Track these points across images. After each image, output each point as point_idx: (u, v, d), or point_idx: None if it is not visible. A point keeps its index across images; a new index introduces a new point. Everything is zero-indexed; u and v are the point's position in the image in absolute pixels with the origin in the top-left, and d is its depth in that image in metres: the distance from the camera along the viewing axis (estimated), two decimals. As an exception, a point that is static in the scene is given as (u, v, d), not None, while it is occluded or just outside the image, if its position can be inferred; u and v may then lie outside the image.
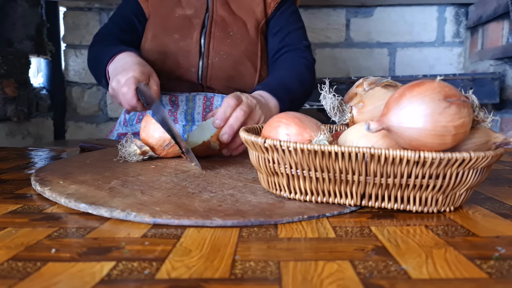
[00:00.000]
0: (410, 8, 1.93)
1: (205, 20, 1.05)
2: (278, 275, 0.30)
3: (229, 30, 1.04)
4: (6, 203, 0.49)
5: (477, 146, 0.44)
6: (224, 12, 1.06)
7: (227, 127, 0.68)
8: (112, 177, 0.57)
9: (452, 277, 0.30)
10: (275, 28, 1.10)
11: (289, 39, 1.08)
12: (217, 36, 1.04)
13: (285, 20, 1.10)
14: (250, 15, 1.07)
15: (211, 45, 1.03)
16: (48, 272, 0.31)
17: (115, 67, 0.87)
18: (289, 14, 1.11)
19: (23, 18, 1.72)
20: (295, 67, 1.02)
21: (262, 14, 1.08)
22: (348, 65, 1.97)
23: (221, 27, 1.04)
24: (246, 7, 1.08)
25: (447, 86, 0.41)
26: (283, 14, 1.11)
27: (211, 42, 1.03)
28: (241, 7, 1.08)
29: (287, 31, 1.09)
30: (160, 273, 0.31)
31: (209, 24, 1.04)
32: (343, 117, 0.53)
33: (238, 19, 1.06)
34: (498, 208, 0.47)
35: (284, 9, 1.11)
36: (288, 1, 1.13)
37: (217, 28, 1.04)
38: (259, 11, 1.08)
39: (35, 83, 1.92)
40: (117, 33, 1.06)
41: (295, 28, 1.10)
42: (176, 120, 1.02)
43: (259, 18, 1.08)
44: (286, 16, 1.10)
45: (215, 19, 1.05)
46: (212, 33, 1.04)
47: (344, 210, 0.45)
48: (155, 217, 0.41)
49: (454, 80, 1.65)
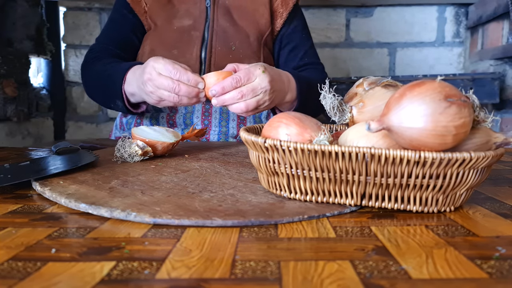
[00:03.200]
0: (410, 8, 1.93)
1: (205, 32, 1.00)
2: (278, 275, 0.30)
3: (231, 44, 1.00)
4: (6, 203, 0.49)
5: (477, 146, 0.44)
6: (226, 23, 1.01)
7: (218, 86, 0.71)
8: (112, 177, 0.57)
9: (453, 277, 0.30)
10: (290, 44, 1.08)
11: (308, 58, 1.08)
12: (219, 51, 0.99)
13: (299, 37, 1.09)
14: (253, 26, 1.03)
15: (212, 61, 0.98)
16: (48, 272, 0.31)
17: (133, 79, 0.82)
18: (302, 29, 1.10)
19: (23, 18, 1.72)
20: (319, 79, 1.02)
21: (267, 25, 1.04)
22: (348, 65, 1.97)
23: (223, 39, 0.99)
24: (249, 17, 1.03)
25: (448, 86, 0.41)
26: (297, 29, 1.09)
27: (212, 58, 0.98)
28: (244, 17, 1.03)
29: (303, 50, 1.08)
30: (160, 273, 0.31)
31: (210, 37, 0.99)
32: (343, 117, 0.53)
33: (241, 30, 1.02)
34: (498, 208, 0.47)
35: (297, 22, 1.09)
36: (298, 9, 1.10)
37: (218, 41, 0.99)
38: (263, 22, 1.04)
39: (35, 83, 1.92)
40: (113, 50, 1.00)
41: (310, 46, 1.10)
42: (175, 124, 1.00)
43: (262, 29, 1.04)
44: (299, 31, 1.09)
45: (215, 31, 1.00)
46: (213, 47, 0.99)
47: (344, 210, 0.45)
48: (155, 217, 0.41)
49: (454, 80, 1.65)
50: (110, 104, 0.93)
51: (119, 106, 0.90)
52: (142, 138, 0.68)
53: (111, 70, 0.90)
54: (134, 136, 0.68)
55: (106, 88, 0.90)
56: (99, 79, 0.93)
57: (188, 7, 1.03)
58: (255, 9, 1.04)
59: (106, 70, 0.91)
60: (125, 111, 0.91)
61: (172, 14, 1.02)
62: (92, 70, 0.96)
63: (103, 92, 0.93)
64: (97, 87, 0.95)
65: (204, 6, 1.02)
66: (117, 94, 0.86)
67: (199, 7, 1.02)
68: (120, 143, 0.67)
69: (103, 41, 1.03)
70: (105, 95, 0.93)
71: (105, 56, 0.98)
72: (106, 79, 0.90)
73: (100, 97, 0.97)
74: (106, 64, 0.93)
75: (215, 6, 1.02)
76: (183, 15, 1.02)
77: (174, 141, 0.71)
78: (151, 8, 1.02)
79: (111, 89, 0.88)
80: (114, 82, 0.86)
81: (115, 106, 0.92)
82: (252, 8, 1.04)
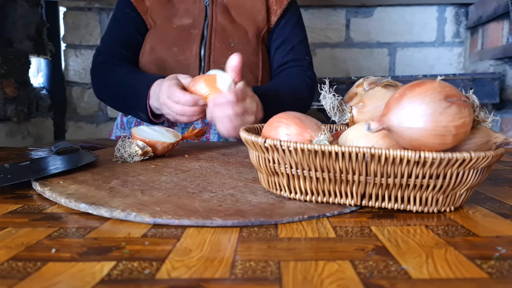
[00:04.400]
0: (410, 8, 1.93)
1: (204, 30, 1.01)
2: (278, 275, 0.30)
3: (230, 41, 1.01)
4: (6, 203, 0.49)
5: (477, 146, 0.44)
6: (225, 20, 1.02)
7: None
8: (112, 177, 0.57)
9: (453, 277, 0.30)
10: (278, 39, 1.07)
11: (293, 54, 1.06)
12: (218, 48, 1.00)
13: (289, 32, 1.08)
14: (251, 23, 1.04)
15: (212, 58, 1.00)
16: (48, 272, 0.31)
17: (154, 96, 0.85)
18: (294, 24, 1.09)
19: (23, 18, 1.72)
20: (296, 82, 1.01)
21: (264, 21, 1.05)
22: (348, 65, 1.97)
23: (222, 37, 1.01)
24: (247, 14, 1.04)
25: (448, 86, 0.41)
26: (288, 24, 1.08)
27: (212, 55, 1.00)
28: (242, 14, 1.04)
29: (291, 45, 1.07)
30: (160, 273, 0.31)
31: (209, 34, 1.01)
32: (343, 117, 0.53)
33: (239, 27, 1.03)
34: (498, 208, 0.47)
35: (289, 18, 1.08)
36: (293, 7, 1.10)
37: (217, 38, 1.01)
38: (260, 19, 1.05)
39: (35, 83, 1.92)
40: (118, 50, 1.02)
41: (299, 41, 1.08)
42: (175, 124, 1.01)
43: (260, 26, 1.05)
44: (290, 26, 1.08)
45: (215, 28, 1.01)
46: (212, 44, 1.00)
47: (344, 210, 0.45)
48: (155, 217, 0.41)
49: (454, 80, 1.65)
50: (129, 112, 0.96)
51: (142, 117, 0.92)
52: (142, 138, 0.68)
53: (131, 82, 0.92)
54: (134, 136, 0.68)
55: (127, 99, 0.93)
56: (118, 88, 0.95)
57: (187, 6, 1.04)
58: (252, 6, 1.05)
59: (125, 81, 0.93)
60: (147, 121, 0.93)
61: (172, 13, 1.03)
62: (107, 77, 0.98)
63: (122, 102, 0.96)
64: (115, 95, 0.97)
65: (203, 5, 1.04)
66: (141, 107, 0.89)
67: (198, 6, 1.04)
68: (120, 143, 0.67)
69: (107, 41, 1.04)
70: (125, 105, 0.95)
71: (115, 61, 1.00)
72: (128, 90, 0.92)
73: (117, 105, 1.00)
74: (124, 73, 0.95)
75: (214, 5, 1.03)
76: (182, 14, 1.03)
77: (174, 141, 0.71)
78: (151, 7, 1.04)
79: (134, 101, 0.90)
80: (138, 95, 0.89)
81: (135, 115, 0.94)
82: (250, 5, 1.05)
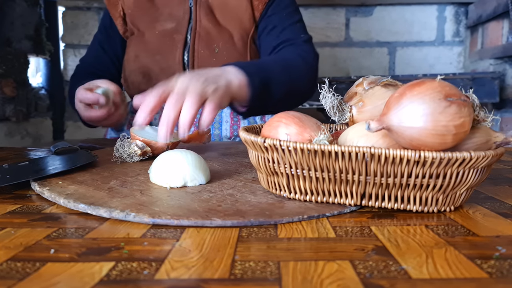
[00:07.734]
0: (410, 7, 1.93)
1: (187, 35, 0.98)
2: (278, 275, 0.30)
3: (215, 46, 0.97)
4: (5, 203, 0.49)
5: (477, 145, 0.44)
6: (209, 24, 0.98)
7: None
8: (111, 177, 0.57)
9: (453, 277, 0.30)
10: (268, 26, 0.99)
11: (284, 35, 0.96)
12: (201, 54, 0.97)
13: (279, 17, 0.99)
14: (237, 25, 0.98)
15: (196, 64, 0.96)
16: (47, 272, 0.31)
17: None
18: (283, 9, 1.00)
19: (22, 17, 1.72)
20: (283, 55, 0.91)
21: (251, 20, 0.99)
22: (348, 64, 1.97)
23: (205, 41, 0.97)
24: (232, 15, 0.99)
25: (448, 86, 0.41)
26: (276, 11, 1.00)
27: (195, 62, 0.97)
28: (227, 15, 0.99)
29: (281, 28, 0.98)
30: (160, 273, 0.31)
31: (192, 40, 0.97)
32: (343, 117, 0.53)
33: (224, 31, 0.98)
34: (498, 207, 0.47)
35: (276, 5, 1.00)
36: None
37: (201, 43, 0.97)
38: (247, 18, 0.99)
39: (34, 83, 1.92)
40: (90, 68, 1.06)
41: (292, 23, 0.99)
42: None
43: (247, 27, 0.99)
44: (279, 13, 1.00)
45: (198, 32, 0.97)
46: (196, 50, 0.97)
47: (344, 210, 0.45)
48: (154, 218, 0.41)
49: (454, 80, 1.65)
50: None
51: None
52: (141, 138, 0.67)
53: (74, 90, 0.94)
54: (133, 136, 0.68)
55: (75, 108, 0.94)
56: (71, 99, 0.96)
57: (171, 9, 1.00)
58: (238, 4, 0.99)
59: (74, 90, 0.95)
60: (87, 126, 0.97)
61: (155, 17, 1.00)
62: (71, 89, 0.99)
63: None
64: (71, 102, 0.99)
65: (187, 6, 1.00)
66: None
67: (183, 8, 1.00)
68: (119, 143, 0.67)
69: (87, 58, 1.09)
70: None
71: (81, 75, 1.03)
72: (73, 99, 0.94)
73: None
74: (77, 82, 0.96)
75: (198, 6, 0.99)
76: (166, 18, 1.00)
77: (174, 141, 0.71)
78: (132, 13, 1.01)
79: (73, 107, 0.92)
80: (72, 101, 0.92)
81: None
82: (235, 4, 0.99)
